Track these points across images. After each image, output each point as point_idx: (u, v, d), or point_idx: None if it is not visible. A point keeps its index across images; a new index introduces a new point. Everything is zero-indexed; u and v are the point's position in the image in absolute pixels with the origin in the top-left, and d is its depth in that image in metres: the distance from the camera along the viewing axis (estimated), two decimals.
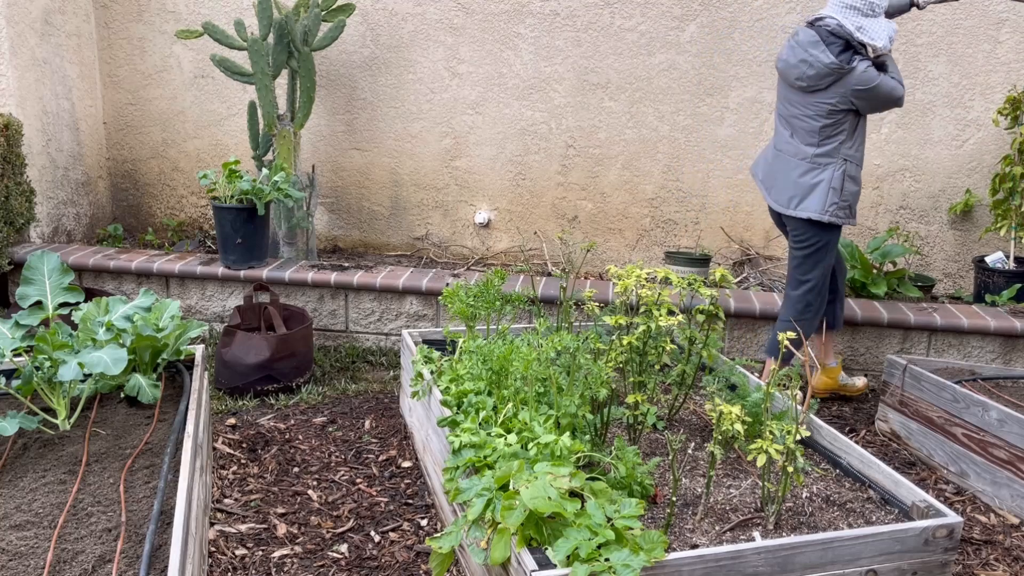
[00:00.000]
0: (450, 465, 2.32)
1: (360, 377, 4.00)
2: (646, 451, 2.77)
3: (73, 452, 2.48)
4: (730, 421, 2.27)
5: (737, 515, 2.37)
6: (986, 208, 4.72)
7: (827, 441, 2.76)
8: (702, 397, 3.22)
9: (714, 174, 5.06)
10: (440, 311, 4.30)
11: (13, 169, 4.34)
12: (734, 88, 4.91)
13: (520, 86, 5.07)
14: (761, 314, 4.11)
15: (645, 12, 4.88)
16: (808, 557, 2.07)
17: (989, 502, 3.00)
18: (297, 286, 4.35)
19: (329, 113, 5.23)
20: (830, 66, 3.19)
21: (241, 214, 4.25)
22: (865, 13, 3.19)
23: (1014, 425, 2.87)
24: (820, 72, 3.22)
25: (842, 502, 2.46)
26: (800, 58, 3.27)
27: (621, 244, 5.26)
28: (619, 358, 2.76)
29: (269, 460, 3.11)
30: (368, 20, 5.06)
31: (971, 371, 3.48)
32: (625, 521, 1.99)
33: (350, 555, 2.55)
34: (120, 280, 4.48)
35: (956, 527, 2.18)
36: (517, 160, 5.19)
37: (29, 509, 2.17)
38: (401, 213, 5.37)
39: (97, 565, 1.92)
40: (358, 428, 3.43)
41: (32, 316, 2.71)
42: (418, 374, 3.00)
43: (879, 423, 3.57)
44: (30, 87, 4.64)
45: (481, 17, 4.99)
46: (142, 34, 5.25)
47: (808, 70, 3.24)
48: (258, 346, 3.64)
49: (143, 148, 5.46)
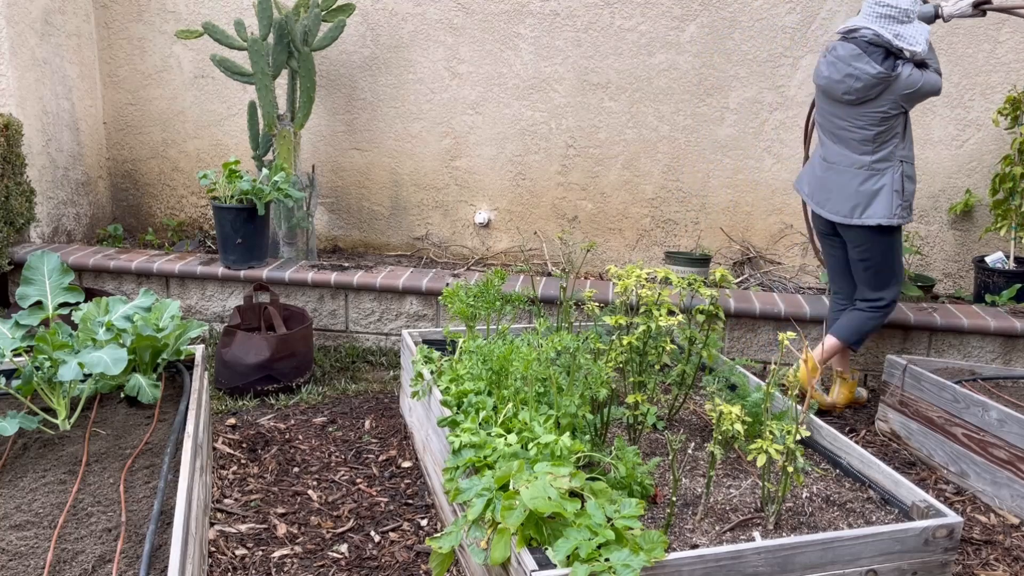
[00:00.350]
0: (450, 465, 2.32)
1: (360, 377, 4.00)
2: (646, 451, 2.77)
3: (73, 452, 2.48)
4: (730, 421, 2.27)
5: (737, 515, 2.37)
6: (986, 208, 4.72)
7: (827, 441, 2.76)
8: (702, 397, 3.22)
9: (714, 174, 5.06)
10: (440, 311, 4.30)
11: (13, 169, 4.34)
12: (734, 88, 4.91)
13: (520, 86, 5.07)
14: (761, 314, 4.11)
15: (645, 12, 4.88)
16: (808, 557, 2.07)
17: (989, 502, 3.00)
18: (297, 286, 4.35)
19: (329, 113, 5.23)
20: (877, 76, 3.21)
21: (241, 214, 4.25)
22: (900, 20, 3.21)
23: (1014, 425, 2.87)
24: (868, 84, 3.23)
25: (842, 502, 2.46)
26: (845, 72, 3.27)
27: (621, 244, 5.26)
28: (619, 358, 2.76)
29: (269, 460, 3.11)
30: (368, 20, 5.06)
31: (971, 371, 3.47)
32: (625, 521, 1.99)
33: (350, 555, 2.55)
34: (120, 280, 4.48)
35: (956, 527, 2.18)
36: (517, 160, 5.19)
37: (29, 509, 2.17)
38: (401, 213, 5.37)
39: (97, 565, 1.92)
40: (358, 428, 3.43)
41: (32, 316, 2.71)
42: (418, 374, 3.00)
43: (879, 423, 3.57)
44: (30, 87, 4.64)
45: (481, 17, 4.99)
46: (142, 34, 5.25)
47: (855, 83, 3.25)
48: (258, 346, 3.64)
49: (143, 148, 5.46)
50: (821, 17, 4.76)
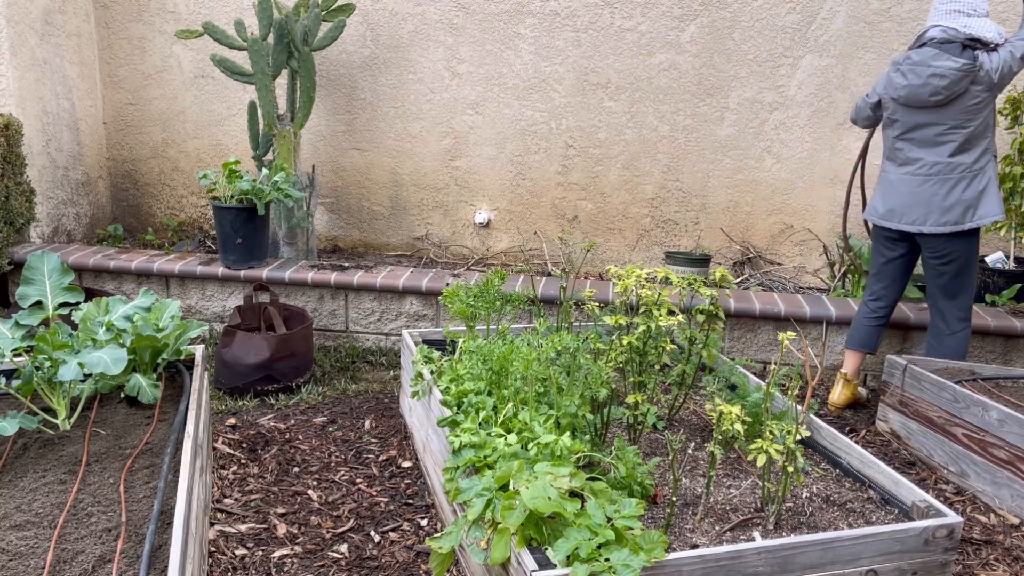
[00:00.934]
0: (450, 465, 2.32)
1: (360, 377, 4.00)
2: (646, 451, 2.77)
3: (73, 452, 2.48)
4: (730, 421, 2.27)
5: (737, 515, 2.37)
6: None
7: (827, 441, 2.76)
8: (702, 397, 3.22)
9: (714, 174, 5.06)
10: (440, 311, 4.30)
11: (13, 169, 4.34)
12: (734, 88, 4.91)
13: (520, 86, 5.07)
14: (761, 314, 4.11)
15: (645, 12, 4.88)
16: (808, 557, 2.07)
17: (989, 502, 3.00)
18: (297, 286, 4.35)
19: (329, 113, 5.23)
20: (961, 69, 3.22)
21: (241, 214, 4.25)
22: (967, 13, 3.26)
23: (1014, 425, 2.87)
24: (953, 79, 3.23)
25: (842, 502, 2.46)
26: (928, 74, 3.28)
27: (621, 244, 5.26)
28: (619, 358, 2.76)
29: (269, 460, 3.11)
30: (368, 20, 5.06)
31: (971, 371, 3.47)
32: (625, 521, 1.99)
33: (350, 555, 2.55)
34: (120, 280, 4.48)
35: (956, 527, 2.18)
36: (517, 160, 5.19)
37: (29, 509, 2.17)
38: (401, 213, 5.37)
39: (97, 565, 1.92)
40: (358, 428, 3.43)
41: (32, 316, 2.71)
42: (418, 374, 3.00)
43: (879, 423, 3.57)
44: (30, 87, 4.64)
45: (481, 17, 4.99)
46: (142, 34, 5.25)
47: (940, 81, 3.25)
48: (258, 346, 3.64)
49: (143, 148, 5.46)
50: (821, 17, 4.76)
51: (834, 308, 4.10)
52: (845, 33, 4.77)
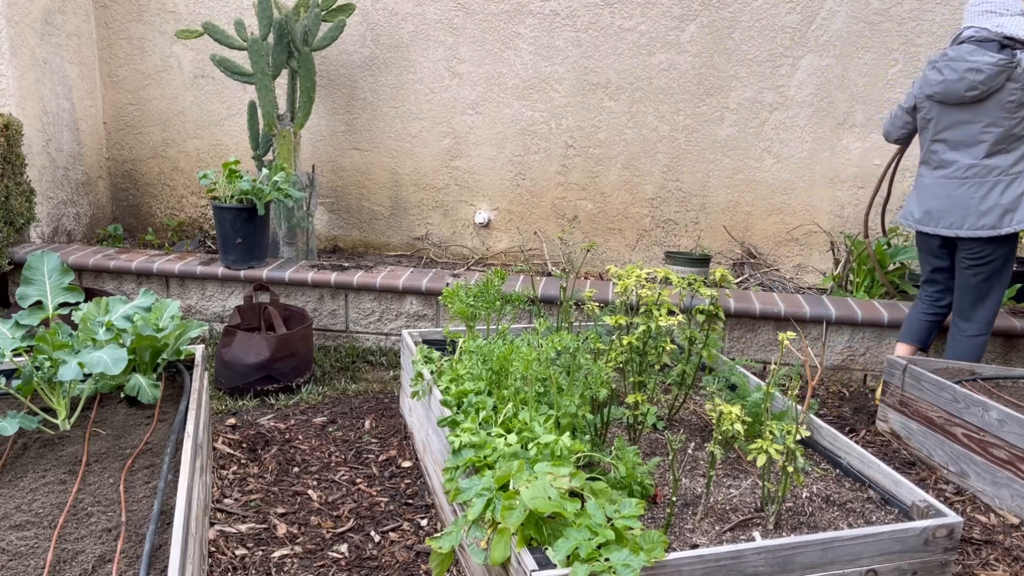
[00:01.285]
0: (450, 465, 2.32)
1: (360, 377, 4.00)
2: (646, 451, 2.77)
3: (73, 452, 2.48)
4: (730, 421, 2.27)
5: (737, 515, 2.37)
6: None
7: (827, 441, 2.76)
8: (702, 397, 3.22)
9: (714, 174, 5.06)
10: (440, 311, 4.30)
11: (13, 169, 4.34)
12: (734, 88, 4.91)
13: (520, 86, 5.07)
14: (761, 314, 4.11)
15: (645, 12, 4.88)
16: (808, 557, 2.07)
17: (989, 502, 3.00)
18: (297, 286, 4.35)
19: (329, 113, 5.23)
20: (997, 64, 3.21)
21: (241, 214, 4.25)
22: (1000, 13, 3.26)
23: (1014, 425, 2.87)
24: (990, 73, 3.22)
25: (842, 502, 2.46)
26: (964, 68, 3.27)
27: (621, 244, 5.26)
28: (619, 358, 2.76)
29: (269, 460, 3.11)
30: (368, 20, 5.06)
31: (971, 371, 3.47)
32: (625, 521, 1.99)
33: (350, 555, 2.55)
34: (120, 280, 4.48)
35: (956, 527, 2.18)
36: (517, 160, 5.19)
37: (29, 509, 2.17)
38: (401, 213, 5.37)
39: (97, 565, 1.92)
40: (358, 428, 3.43)
41: (32, 316, 2.71)
42: (418, 374, 3.00)
43: (879, 423, 3.57)
44: (30, 87, 4.64)
45: (481, 17, 4.99)
46: (142, 34, 5.25)
47: (976, 76, 3.24)
48: (258, 346, 3.64)
49: (143, 148, 5.46)
50: (821, 17, 4.76)
51: (834, 308, 4.10)
52: (845, 33, 4.77)
